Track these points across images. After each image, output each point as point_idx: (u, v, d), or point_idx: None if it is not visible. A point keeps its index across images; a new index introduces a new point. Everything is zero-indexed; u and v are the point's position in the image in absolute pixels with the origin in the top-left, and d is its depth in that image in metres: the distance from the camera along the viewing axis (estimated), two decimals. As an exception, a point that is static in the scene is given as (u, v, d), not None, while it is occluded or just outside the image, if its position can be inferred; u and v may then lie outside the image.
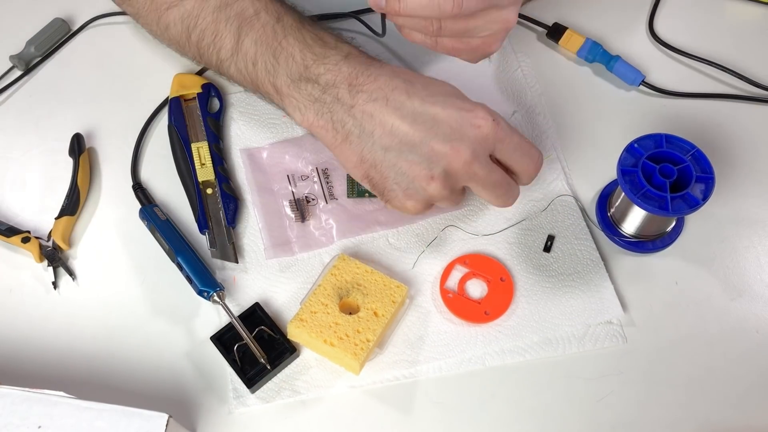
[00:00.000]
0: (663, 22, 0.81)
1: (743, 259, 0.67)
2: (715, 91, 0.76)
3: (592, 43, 0.77)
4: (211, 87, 0.76)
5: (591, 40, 0.77)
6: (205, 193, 0.69)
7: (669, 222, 0.68)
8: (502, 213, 0.69)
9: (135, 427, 0.52)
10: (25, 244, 0.67)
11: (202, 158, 0.71)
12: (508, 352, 0.63)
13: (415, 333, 0.64)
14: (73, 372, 0.63)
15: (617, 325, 0.64)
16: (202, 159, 0.71)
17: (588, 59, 0.78)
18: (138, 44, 0.80)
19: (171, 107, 0.74)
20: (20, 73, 0.79)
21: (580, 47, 0.77)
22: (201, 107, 0.74)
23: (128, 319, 0.66)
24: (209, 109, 0.75)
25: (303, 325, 0.61)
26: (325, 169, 0.72)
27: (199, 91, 0.75)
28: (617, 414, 0.61)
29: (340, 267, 0.64)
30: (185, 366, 0.63)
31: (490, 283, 0.65)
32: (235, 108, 0.76)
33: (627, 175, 0.62)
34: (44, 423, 0.52)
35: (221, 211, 0.69)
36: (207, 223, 0.68)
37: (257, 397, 0.61)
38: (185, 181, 0.70)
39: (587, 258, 0.67)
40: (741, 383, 0.62)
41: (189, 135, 0.73)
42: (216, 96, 0.76)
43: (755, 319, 0.64)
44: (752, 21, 0.82)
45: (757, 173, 0.72)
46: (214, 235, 0.67)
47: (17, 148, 0.75)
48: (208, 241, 0.67)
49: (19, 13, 0.83)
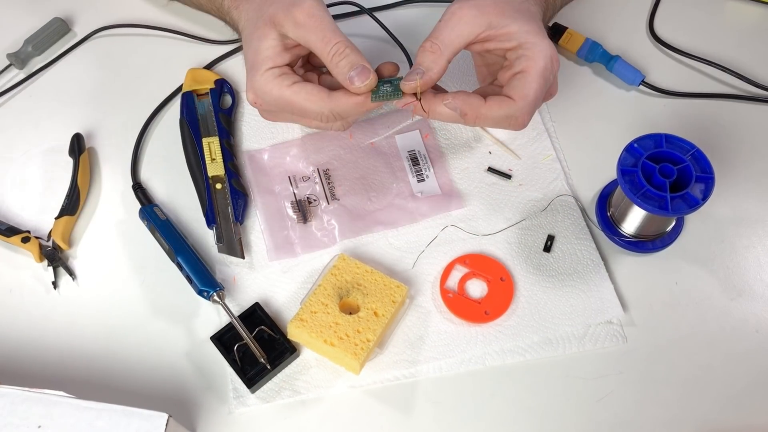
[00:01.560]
0: (663, 22, 0.81)
1: (743, 259, 0.67)
2: (715, 90, 0.76)
3: (592, 43, 0.77)
4: (224, 83, 0.76)
5: (591, 40, 0.77)
6: (215, 188, 0.70)
7: (669, 222, 0.68)
8: (502, 213, 0.69)
9: (135, 426, 0.52)
10: (25, 244, 0.67)
11: (212, 153, 0.71)
12: (508, 352, 0.63)
13: (416, 333, 0.64)
14: (73, 372, 0.63)
15: (617, 325, 0.64)
16: (213, 154, 0.71)
17: (588, 59, 0.78)
18: (138, 44, 0.81)
19: (183, 101, 0.74)
20: (19, 72, 0.79)
21: (580, 47, 0.77)
22: (213, 103, 0.74)
23: (128, 319, 0.66)
24: (221, 105, 0.75)
25: (303, 325, 0.61)
26: (326, 169, 0.72)
27: (212, 86, 0.75)
28: (616, 414, 0.61)
29: (340, 267, 0.64)
30: (185, 366, 0.63)
31: (490, 283, 0.65)
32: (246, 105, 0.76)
33: (627, 175, 0.62)
34: (44, 423, 0.52)
35: (230, 206, 0.69)
36: (215, 218, 0.68)
37: (257, 397, 0.61)
38: (195, 175, 0.71)
39: (587, 258, 0.67)
40: (740, 383, 0.62)
41: (200, 130, 0.73)
42: (228, 92, 0.76)
43: (755, 319, 0.64)
44: (752, 20, 0.82)
45: (757, 173, 0.72)
46: (221, 230, 0.67)
47: (17, 148, 0.75)
48: (215, 236, 0.67)
49: (18, 12, 0.83)
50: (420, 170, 0.72)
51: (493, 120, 0.61)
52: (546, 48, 0.61)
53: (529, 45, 0.60)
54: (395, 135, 0.74)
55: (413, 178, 0.71)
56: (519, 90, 0.60)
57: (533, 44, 0.60)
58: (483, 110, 0.60)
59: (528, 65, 0.60)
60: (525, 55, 0.60)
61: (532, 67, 0.60)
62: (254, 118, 0.75)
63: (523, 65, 0.60)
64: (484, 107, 0.60)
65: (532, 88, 0.60)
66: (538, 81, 0.60)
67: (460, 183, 0.71)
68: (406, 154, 0.73)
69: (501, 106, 0.60)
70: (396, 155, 0.73)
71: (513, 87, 0.61)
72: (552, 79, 0.62)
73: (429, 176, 0.71)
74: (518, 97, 0.60)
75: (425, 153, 0.73)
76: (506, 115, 0.61)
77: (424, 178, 0.71)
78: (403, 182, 0.71)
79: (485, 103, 0.60)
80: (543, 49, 0.60)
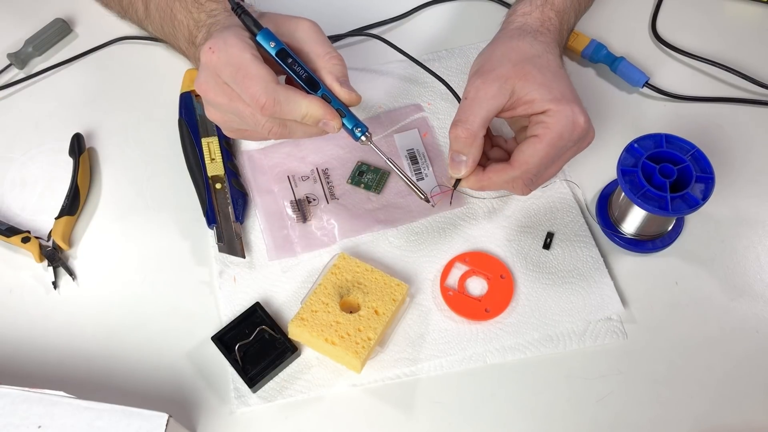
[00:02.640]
0: (665, 23, 0.81)
1: (743, 259, 0.67)
2: (716, 91, 0.77)
3: (597, 44, 0.77)
4: None
5: (596, 41, 0.77)
6: (214, 188, 0.69)
7: (669, 222, 0.68)
8: (502, 210, 0.69)
9: (135, 426, 0.52)
10: (25, 244, 0.67)
11: (212, 153, 0.71)
12: (508, 350, 0.63)
13: (416, 331, 0.64)
14: (73, 372, 0.63)
15: (617, 321, 0.64)
16: (212, 154, 0.71)
17: (593, 59, 0.78)
18: (138, 44, 0.81)
19: (182, 102, 0.74)
20: (19, 72, 0.79)
21: (585, 47, 0.77)
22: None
23: (128, 318, 0.66)
24: None
25: (304, 324, 0.61)
26: (325, 169, 0.72)
27: None
28: (617, 414, 0.61)
29: (341, 266, 0.64)
30: (185, 366, 0.63)
31: (490, 281, 0.66)
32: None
33: (627, 175, 0.62)
34: (44, 423, 0.52)
35: (230, 206, 0.69)
36: (215, 218, 0.68)
37: (259, 396, 0.61)
38: (194, 175, 0.70)
39: (586, 254, 0.67)
40: (741, 383, 0.62)
41: (199, 130, 0.73)
42: None
43: (755, 319, 0.64)
44: (752, 20, 0.82)
45: (757, 173, 0.72)
46: (222, 230, 0.67)
47: (17, 148, 0.75)
48: (216, 236, 0.67)
49: (19, 12, 0.83)
50: (419, 169, 0.72)
51: (498, 185, 0.62)
52: (567, 115, 0.59)
53: (551, 113, 0.59)
54: (394, 134, 0.74)
55: (412, 176, 0.71)
56: (521, 156, 0.60)
57: (555, 112, 0.59)
58: (484, 182, 0.62)
59: (542, 133, 0.59)
60: (544, 122, 0.59)
61: (545, 136, 0.59)
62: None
63: (538, 131, 0.60)
64: (484, 179, 0.62)
65: (537, 155, 0.59)
66: (546, 150, 0.59)
67: (459, 181, 0.71)
68: (405, 153, 0.73)
69: (499, 173, 0.61)
70: (395, 154, 0.73)
71: (518, 152, 0.60)
72: (573, 143, 0.61)
73: (428, 175, 0.71)
74: (518, 164, 0.60)
75: (424, 152, 0.73)
76: (505, 180, 0.61)
77: (423, 177, 0.71)
78: (402, 181, 0.71)
79: (483, 172, 0.62)
80: (563, 117, 0.59)
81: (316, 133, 0.59)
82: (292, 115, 0.57)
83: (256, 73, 0.55)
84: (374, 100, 0.76)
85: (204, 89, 0.58)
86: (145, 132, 0.75)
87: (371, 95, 0.76)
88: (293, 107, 0.56)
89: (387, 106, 0.76)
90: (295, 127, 0.59)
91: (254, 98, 0.55)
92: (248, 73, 0.55)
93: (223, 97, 0.58)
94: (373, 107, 0.76)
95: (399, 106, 0.76)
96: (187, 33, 0.66)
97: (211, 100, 0.59)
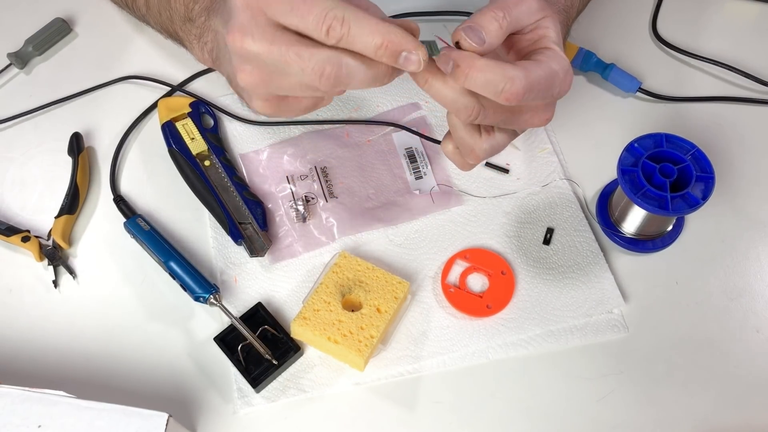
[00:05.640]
0: (665, 23, 0.81)
1: (743, 259, 0.67)
2: (716, 90, 0.77)
3: (586, 52, 0.76)
4: (200, 104, 0.75)
5: (585, 49, 0.76)
6: (229, 206, 0.69)
7: (669, 221, 0.68)
8: (501, 207, 0.69)
9: (135, 426, 0.52)
10: (25, 243, 0.67)
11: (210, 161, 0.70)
12: (510, 345, 0.63)
13: (418, 328, 0.64)
14: (73, 372, 0.63)
15: (618, 315, 0.64)
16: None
17: (583, 68, 0.77)
18: (138, 44, 0.80)
19: (166, 133, 0.72)
20: (19, 72, 0.79)
21: (574, 57, 0.76)
22: (197, 125, 0.73)
23: (129, 318, 0.65)
24: (205, 125, 0.74)
25: (306, 323, 0.61)
26: (324, 167, 0.72)
27: (188, 110, 0.74)
28: (617, 413, 0.61)
29: (342, 264, 0.64)
30: (186, 366, 0.63)
31: (491, 277, 0.66)
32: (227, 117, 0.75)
33: (627, 174, 0.62)
34: (44, 423, 0.52)
35: (250, 217, 0.68)
36: (241, 234, 0.67)
37: (262, 396, 0.61)
38: (205, 199, 0.69)
39: (587, 249, 0.67)
40: (741, 383, 0.62)
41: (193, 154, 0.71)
42: (206, 112, 0.75)
43: (755, 319, 0.65)
44: (752, 20, 0.82)
45: (757, 173, 0.72)
46: (251, 243, 0.67)
47: (17, 147, 0.75)
48: (248, 251, 0.66)
49: (19, 12, 0.83)
50: (417, 167, 0.72)
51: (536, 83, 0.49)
52: (567, 67, 0.51)
53: (556, 52, 0.51)
54: (392, 133, 0.74)
55: (411, 175, 0.71)
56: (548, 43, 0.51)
57: (558, 53, 0.51)
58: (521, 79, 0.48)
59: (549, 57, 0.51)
60: (549, 53, 0.51)
61: (554, 58, 0.51)
62: (243, 129, 0.74)
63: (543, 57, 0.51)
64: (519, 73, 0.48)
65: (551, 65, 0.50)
66: (552, 69, 0.50)
67: (457, 179, 0.71)
68: (403, 152, 0.73)
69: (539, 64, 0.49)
70: (393, 152, 0.73)
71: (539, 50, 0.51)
72: (555, 94, 0.51)
73: (426, 173, 0.72)
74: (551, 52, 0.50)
75: (422, 150, 0.73)
76: (546, 75, 0.49)
77: (421, 175, 0.71)
78: (401, 179, 0.71)
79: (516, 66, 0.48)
80: (565, 63, 0.51)
81: (384, 75, 0.48)
82: (363, 43, 0.45)
83: (303, 42, 0.46)
84: (372, 100, 0.76)
85: (240, 36, 0.47)
86: (145, 131, 0.75)
87: (369, 95, 0.76)
88: (366, 31, 0.45)
89: (385, 106, 0.76)
90: (355, 69, 0.47)
91: (318, 20, 0.45)
92: (293, 46, 0.46)
93: (263, 41, 0.47)
94: (371, 107, 0.76)
95: (397, 105, 0.76)
96: (183, 9, 0.63)
97: (248, 50, 0.47)
